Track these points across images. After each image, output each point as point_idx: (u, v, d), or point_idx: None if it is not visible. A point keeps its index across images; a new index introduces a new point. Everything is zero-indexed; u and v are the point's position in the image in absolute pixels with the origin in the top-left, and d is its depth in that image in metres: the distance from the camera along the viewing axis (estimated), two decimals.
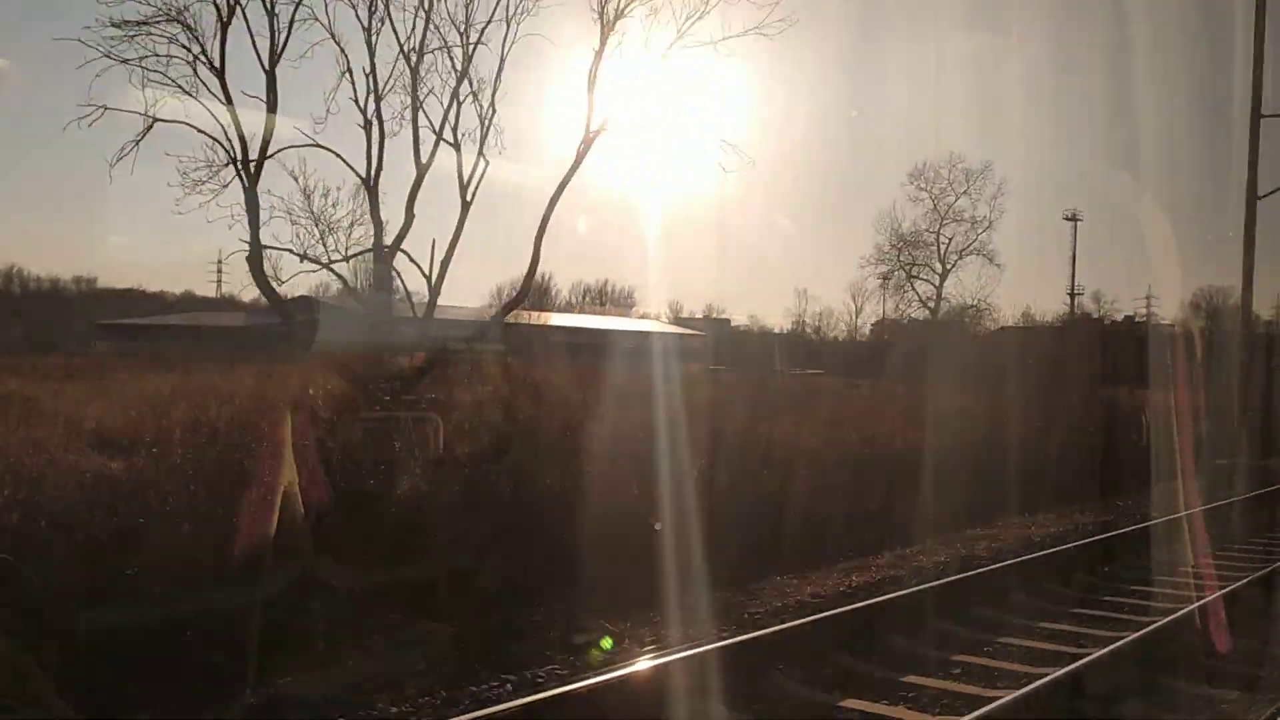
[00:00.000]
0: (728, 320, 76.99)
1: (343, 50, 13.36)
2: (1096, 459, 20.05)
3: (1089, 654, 8.24)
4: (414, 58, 13.67)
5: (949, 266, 54.02)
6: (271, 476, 9.15)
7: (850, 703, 7.45)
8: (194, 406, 13.00)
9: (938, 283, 53.93)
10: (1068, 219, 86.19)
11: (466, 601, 9.19)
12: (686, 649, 8.01)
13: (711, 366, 41.51)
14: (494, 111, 13.94)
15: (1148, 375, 23.69)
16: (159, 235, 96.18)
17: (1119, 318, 78.10)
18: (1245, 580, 11.37)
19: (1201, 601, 9.85)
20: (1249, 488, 19.55)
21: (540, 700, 6.77)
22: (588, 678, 7.30)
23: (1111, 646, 8.39)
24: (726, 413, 16.76)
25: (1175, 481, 17.25)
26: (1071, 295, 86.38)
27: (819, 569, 11.73)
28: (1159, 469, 18.11)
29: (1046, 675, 7.63)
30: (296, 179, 13.47)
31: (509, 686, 7.44)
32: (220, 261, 66.72)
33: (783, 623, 8.93)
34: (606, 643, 8.32)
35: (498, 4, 13.79)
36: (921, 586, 10.30)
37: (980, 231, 53.99)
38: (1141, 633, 8.90)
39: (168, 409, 12.89)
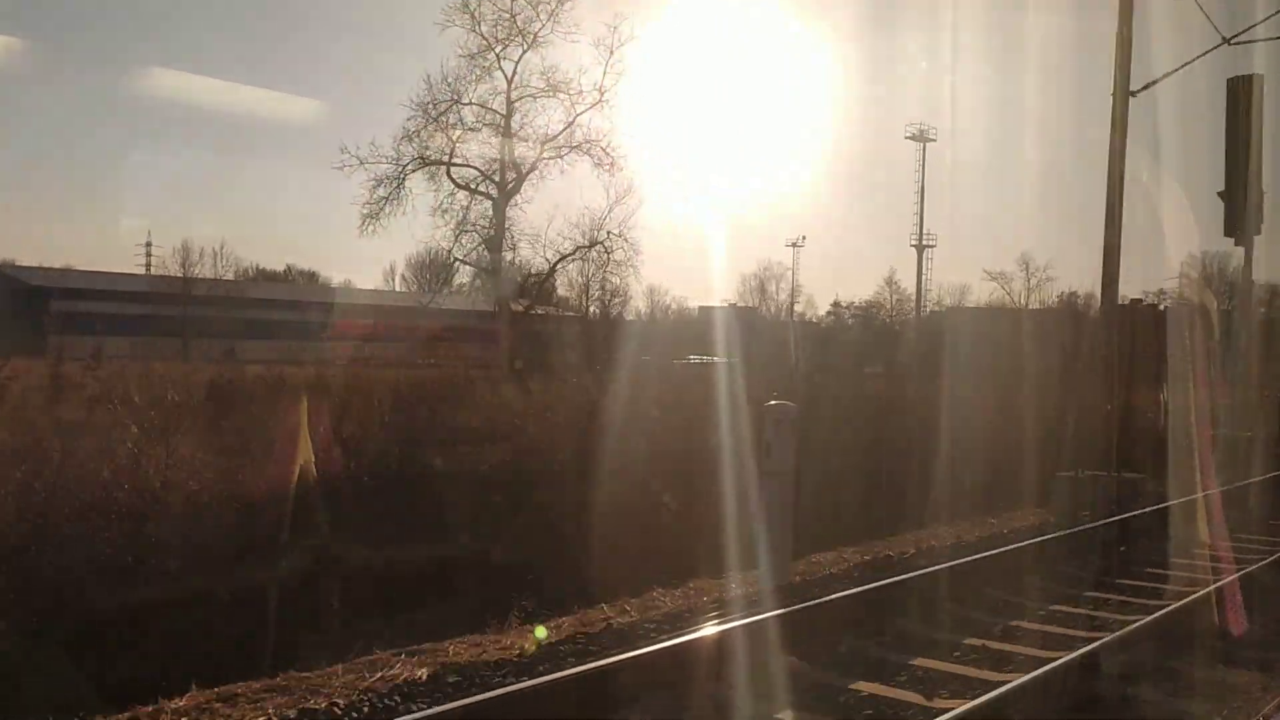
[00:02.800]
0: (752, 308, 69.77)
1: None
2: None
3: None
4: None
5: (525, 170, 29.15)
6: None
7: None
8: None
9: (496, 195, 29.34)
10: (911, 138, 65.25)
11: None
12: None
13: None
14: None
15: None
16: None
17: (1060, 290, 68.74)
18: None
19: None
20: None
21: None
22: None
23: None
24: None
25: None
26: (920, 246, 66.05)
27: None
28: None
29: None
30: None
31: None
32: (149, 244, 62.57)
33: None
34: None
35: None
36: None
37: (582, 109, 29.09)
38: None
39: None
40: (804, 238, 69.44)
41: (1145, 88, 15.75)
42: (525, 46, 29.59)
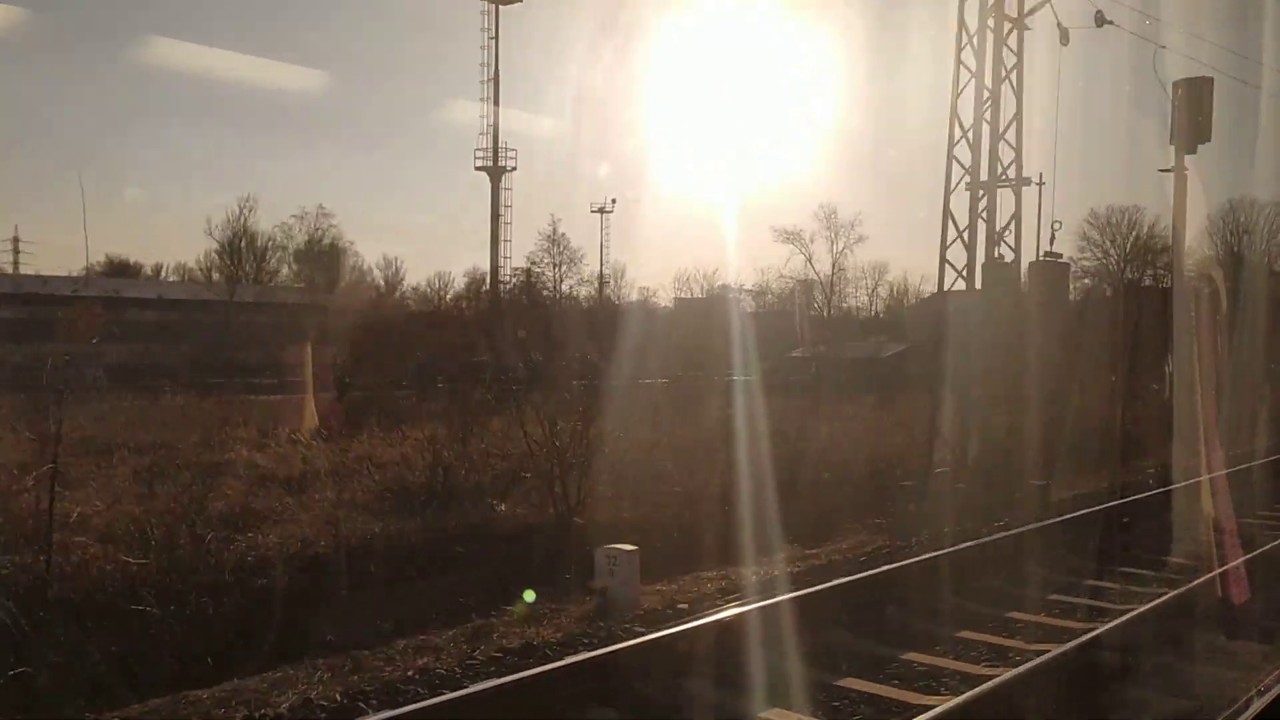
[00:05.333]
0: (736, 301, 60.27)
1: None
2: None
3: None
4: None
5: None
6: None
7: None
8: None
9: None
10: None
11: None
12: None
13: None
14: None
15: None
16: None
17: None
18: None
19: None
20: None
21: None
22: None
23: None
24: None
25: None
26: (494, 169, 51.67)
27: None
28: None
29: None
30: None
31: None
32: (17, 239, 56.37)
33: None
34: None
35: None
36: None
37: None
38: None
39: None
40: (613, 200, 62.97)
41: None
42: None
